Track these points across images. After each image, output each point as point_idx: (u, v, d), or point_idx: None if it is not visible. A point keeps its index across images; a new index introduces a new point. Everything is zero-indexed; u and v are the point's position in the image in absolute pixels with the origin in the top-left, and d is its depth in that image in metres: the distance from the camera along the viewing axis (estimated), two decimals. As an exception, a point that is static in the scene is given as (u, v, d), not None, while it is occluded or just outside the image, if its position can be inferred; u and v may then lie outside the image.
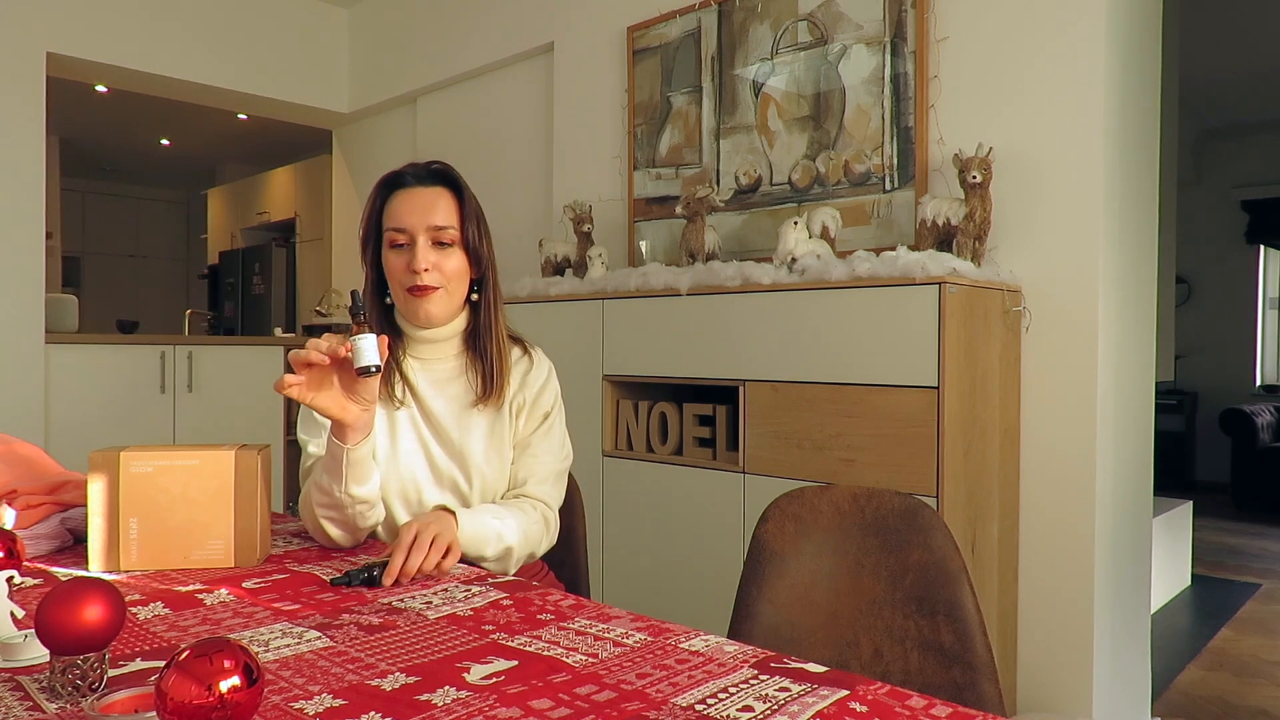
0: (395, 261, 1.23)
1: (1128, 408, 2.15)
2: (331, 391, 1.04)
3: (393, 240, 1.23)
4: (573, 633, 0.79)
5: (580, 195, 3.08)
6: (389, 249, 1.24)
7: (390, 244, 1.24)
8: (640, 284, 2.39)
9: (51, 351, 3.50)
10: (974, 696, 0.93)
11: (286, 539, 1.21)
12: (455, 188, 1.28)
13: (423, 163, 1.29)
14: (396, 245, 1.23)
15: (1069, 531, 2.02)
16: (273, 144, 6.84)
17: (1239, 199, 6.48)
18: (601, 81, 3.11)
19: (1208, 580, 3.90)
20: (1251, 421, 5.71)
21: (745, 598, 1.09)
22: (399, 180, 1.28)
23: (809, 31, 2.49)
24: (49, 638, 0.62)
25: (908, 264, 1.85)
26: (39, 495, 1.15)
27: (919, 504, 1.04)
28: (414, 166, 1.29)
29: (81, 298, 5.17)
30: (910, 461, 1.83)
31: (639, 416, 2.41)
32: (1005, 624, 2.03)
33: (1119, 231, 2.07)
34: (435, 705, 0.62)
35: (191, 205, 8.76)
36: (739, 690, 0.65)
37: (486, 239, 1.29)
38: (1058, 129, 2.04)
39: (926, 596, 0.99)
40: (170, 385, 3.80)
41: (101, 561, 1.00)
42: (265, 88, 4.23)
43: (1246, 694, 2.61)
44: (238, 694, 0.47)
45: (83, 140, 6.87)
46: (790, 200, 2.53)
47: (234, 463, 1.02)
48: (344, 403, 1.05)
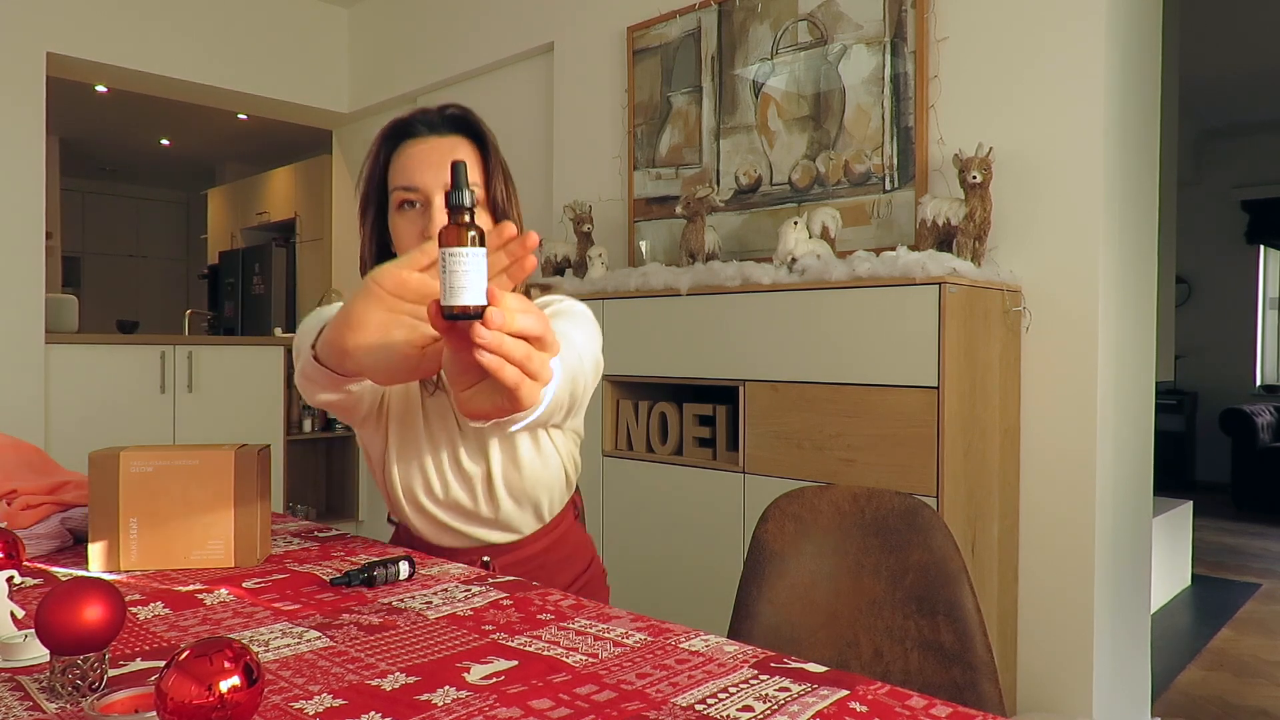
0: (405, 228, 1.04)
1: (1128, 408, 2.15)
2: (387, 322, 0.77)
3: (401, 201, 1.04)
4: (573, 633, 0.79)
5: (580, 195, 3.08)
6: (396, 212, 1.05)
7: (398, 206, 1.05)
8: (640, 284, 2.39)
9: (51, 351, 3.50)
10: (974, 696, 0.93)
11: (286, 539, 1.21)
12: (477, 136, 1.09)
13: (435, 107, 1.10)
14: (406, 207, 1.04)
15: (1069, 531, 2.02)
16: (273, 144, 6.84)
17: (1239, 199, 6.48)
18: (601, 81, 3.11)
19: (1208, 580, 3.90)
20: (1251, 421, 5.71)
21: (745, 598, 1.09)
22: (408, 129, 1.08)
23: (809, 31, 2.49)
24: (49, 638, 0.62)
25: (908, 264, 1.85)
26: (39, 495, 1.15)
27: (919, 504, 1.04)
28: (425, 112, 1.09)
29: (81, 298, 5.18)
30: (910, 461, 1.83)
31: (639, 416, 2.41)
32: (1005, 624, 2.03)
33: (1119, 231, 2.07)
34: (435, 705, 0.62)
35: (191, 205, 8.76)
36: (739, 690, 0.65)
37: (514, 198, 1.10)
38: (1058, 129, 2.04)
39: (926, 596, 0.99)
40: (170, 385, 3.80)
41: (101, 561, 1.00)
42: (265, 88, 4.23)
43: (1246, 694, 2.61)
44: (238, 694, 0.47)
45: (83, 140, 6.87)
46: (790, 200, 2.53)
47: (234, 463, 1.02)
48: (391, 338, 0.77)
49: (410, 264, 0.75)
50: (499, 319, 0.60)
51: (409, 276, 0.75)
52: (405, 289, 0.75)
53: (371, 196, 1.10)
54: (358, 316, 0.77)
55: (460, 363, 0.67)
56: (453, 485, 1.15)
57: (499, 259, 0.70)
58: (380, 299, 0.76)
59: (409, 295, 0.76)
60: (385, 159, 1.09)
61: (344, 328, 0.79)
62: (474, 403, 0.69)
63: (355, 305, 0.77)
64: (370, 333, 0.77)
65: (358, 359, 0.79)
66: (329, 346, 0.83)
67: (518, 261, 0.69)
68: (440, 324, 0.63)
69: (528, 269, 0.70)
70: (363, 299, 0.77)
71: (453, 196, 0.64)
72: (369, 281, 0.76)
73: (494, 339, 0.60)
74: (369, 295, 0.76)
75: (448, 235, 0.62)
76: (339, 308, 0.83)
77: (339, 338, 0.80)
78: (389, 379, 0.82)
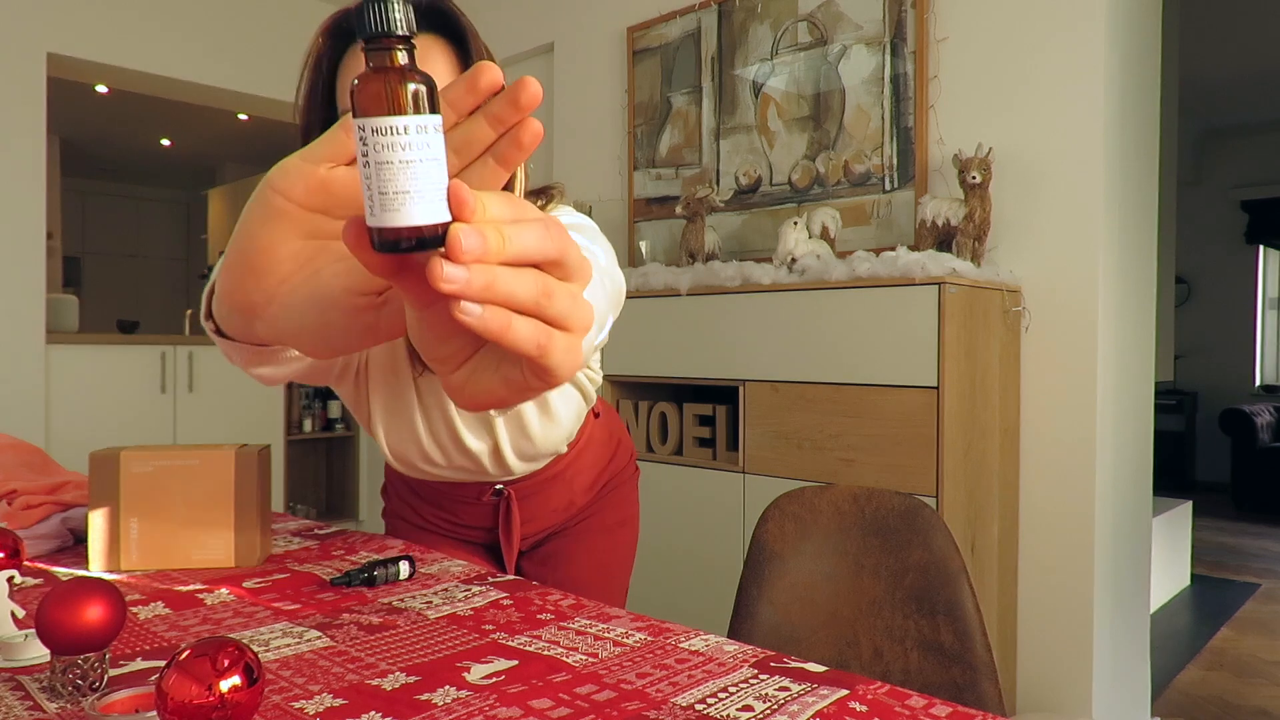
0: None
1: (1127, 408, 2.15)
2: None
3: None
4: (573, 632, 0.79)
5: (580, 195, 3.08)
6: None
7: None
8: (640, 284, 2.39)
9: (51, 351, 3.50)
10: (974, 696, 0.93)
11: (286, 539, 1.21)
12: (455, 35, 0.83)
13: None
14: None
15: (1069, 531, 2.02)
16: (273, 144, 6.84)
17: (1239, 199, 6.48)
18: (601, 81, 3.11)
19: (1208, 580, 3.90)
20: (1251, 421, 5.71)
21: (745, 598, 1.09)
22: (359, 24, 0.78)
23: (809, 32, 2.49)
24: (49, 638, 0.62)
25: (908, 264, 1.85)
26: (39, 495, 1.15)
27: (919, 504, 1.04)
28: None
29: (81, 298, 5.18)
30: (910, 461, 1.83)
31: (639, 416, 2.41)
32: (1005, 624, 2.03)
33: (1119, 231, 2.07)
34: (435, 705, 0.62)
35: (191, 205, 8.76)
36: (739, 690, 0.65)
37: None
38: (1058, 129, 2.04)
39: (926, 596, 0.99)
40: (170, 385, 3.80)
41: (101, 561, 1.00)
42: (265, 88, 4.23)
43: (1246, 694, 2.61)
44: (238, 694, 0.47)
45: (83, 140, 6.87)
46: (790, 200, 2.53)
47: (234, 463, 1.02)
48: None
49: (331, 150, 0.45)
50: (474, 241, 0.34)
51: (332, 176, 0.45)
52: (328, 196, 0.46)
53: (315, 122, 0.83)
54: (261, 250, 0.48)
55: (433, 325, 0.39)
56: (454, 457, 1.04)
57: (474, 129, 0.40)
58: (291, 218, 0.46)
59: (337, 207, 0.46)
60: (330, 67, 0.83)
61: (242, 271, 0.49)
62: (475, 387, 0.42)
63: (254, 232, 0.48)
64: (283, 276, 0.49)
65: (271, 320, 0.51)
66: (226, 303, 0.53)
67: (510, 132, 0.40)
68: (372, 260, 0.37)
69: (526, 145, 0.40)
70: (261, 219, 0.47)
71: (370, 13, 0.36)
72: (266, 189, 0.46)
73: (477, 278, 0.34)
74: (270, 212, 0.46)
75: (369, 94, 0.35)
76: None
77: (236, 288, 0.51)
78: (328, 349, 0.51)
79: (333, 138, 0.45)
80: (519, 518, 1.15)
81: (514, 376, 0.40)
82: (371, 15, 0.35)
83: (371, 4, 0.35)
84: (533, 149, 0.40)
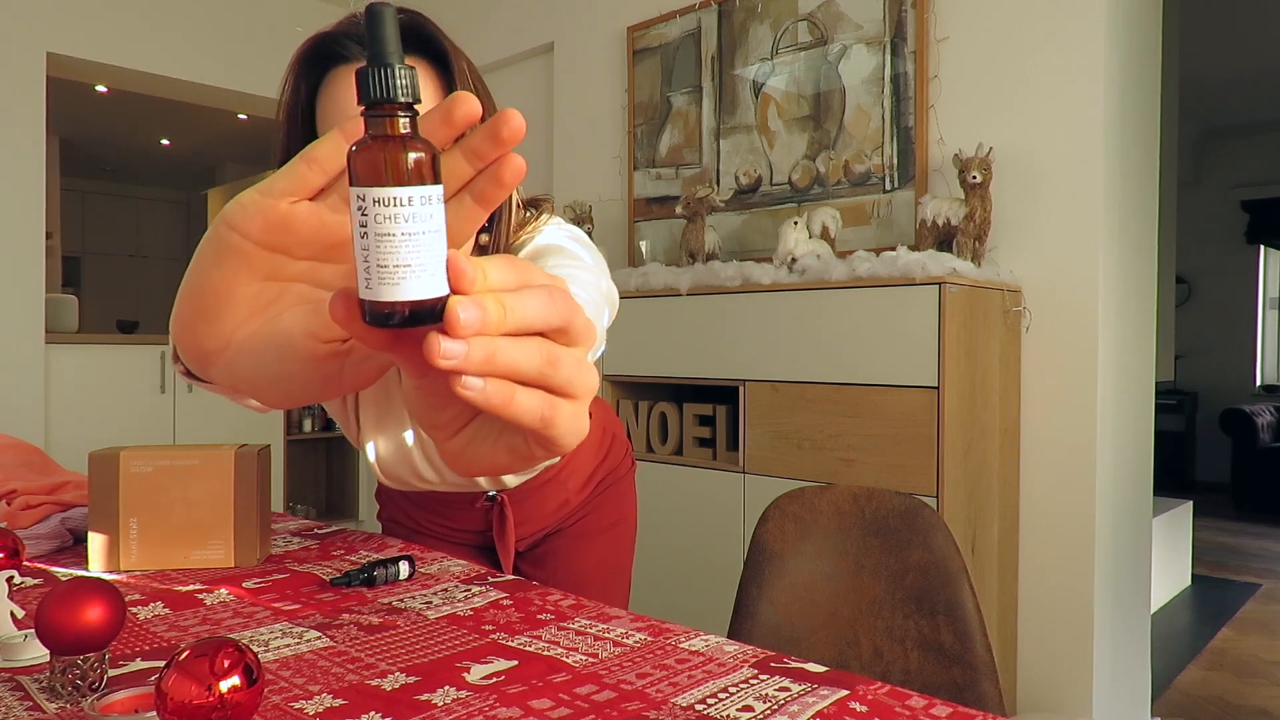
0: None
1: (1128, 408, 2.15)
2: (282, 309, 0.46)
3: None
4: (573, 633, 0.79)
5: (580, 195, 3.08)
6: None
7: None
8: (640, 284, 2.39)
9: (51, 351, 3.50)
10: (974, 696, 0.93)
11: (286, 539, 1.21)
12: (439, 59, 0.79)
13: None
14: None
15: (1069, 531, 2.02)
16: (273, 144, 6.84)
17: (1239, 199, 6.49)
18: (601, 81, 3.11)
19: (1208, 580, 3.90)
20: (1251, 421, 5.71)
21: (745, 598, 1.09)
22: (336, 50, 0.78)
23: (809, 31, 2.49)
24: (49, 638, 0.62)
25: (908, 264, 1.85)
26: (39, 495, 1.15)
27: (919, 504, 1.04)
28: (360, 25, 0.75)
29: (81, 298, 5.18)
30: (910, 461, 1.83)
31: (639, 416, 2.41)
32: (1005, 624, 2.03)
33: (1119, 231, 2.07)
34: (435, 705, 0.62)
35: (191, 205, 8.76)
36: (739, 690, 0.65)
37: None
38: (1058, 129, 2.04)
39: (926, 596, 0.99)
40: (170, 385, 3.80)
41: (101, 561, 1.00)
42: (265, 88, 4.23)
43: (1246, 694, 2.61)
44: (238, 694, 0.47)
45: (83, 140, 6.87)
46: (790, 200, 2.53)
47: (234, 463, 1.02)
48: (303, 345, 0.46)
49: (291, 185, 0.41)
50: (473, 314, 0.32)
51: (293, 212, 0.42)
52: (289, 234, 0.42)
53: (293, 148, 0.79)
54: (214, 291, 0.44)
55: (429, 392, 0.37)
56: (448, 475, 1.02)
57: (450, 164, 0.38)
58: (247, 258, 0.43)
59: (298, 246, 0.43)
60: (308, 94, 0.80)
61: (193, 315, 0.46)
62: (474, 453, 0.40)
63: (207, 271, 0.44)
64: (240, 320, 0.45)
65: (226, 366, 0.47)
66: (179, 346, 0.50)
67: (490, 168, 0.38)
68: (365, 334, 0.34)
69: (508, 183, 0.38)
70: (215, 258, 0.43)
71: (372, 80, 0.33)
72: (220, 226, 0.43)
73: (477, 352, 0.32)
74: (226, 251, 0.43)
75: (370, 162, 0.33)
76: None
77: (186, 332, 0.47)
78: (287, 399, 0.49)
79: (293, 171, 0.41)
80: (513, 521, 1.15)
81: (516, 445, 0.39)
82: (374, 82, 0.33)
83: (374, 70, 0.33)
84: (514, 186, 0.38)
